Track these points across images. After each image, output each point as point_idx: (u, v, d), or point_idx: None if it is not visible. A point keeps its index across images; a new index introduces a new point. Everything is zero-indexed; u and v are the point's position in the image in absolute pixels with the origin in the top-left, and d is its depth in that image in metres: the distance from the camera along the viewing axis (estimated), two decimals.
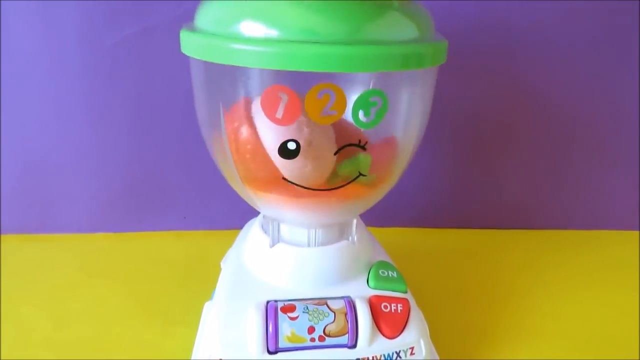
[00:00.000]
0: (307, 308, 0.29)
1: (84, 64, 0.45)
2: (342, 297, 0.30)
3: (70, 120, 0.48)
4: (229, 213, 0.48)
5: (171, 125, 0.48)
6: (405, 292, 0.31)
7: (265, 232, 0.33)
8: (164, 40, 0.45)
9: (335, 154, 0.27)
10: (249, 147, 0.27)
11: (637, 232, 0.55)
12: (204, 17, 0.27)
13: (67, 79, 0.46)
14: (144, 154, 0.50)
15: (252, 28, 0.24)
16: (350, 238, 0.33)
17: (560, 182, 0.54)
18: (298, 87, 0.24)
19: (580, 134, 0.52)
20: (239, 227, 0.38)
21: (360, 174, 0.28)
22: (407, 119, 0.29)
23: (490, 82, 0.49)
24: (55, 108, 0.47)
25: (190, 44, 0.26)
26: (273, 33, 0.23)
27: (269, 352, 0.28)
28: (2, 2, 0.43)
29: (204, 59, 0.25)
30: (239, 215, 0.38)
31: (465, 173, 0.54)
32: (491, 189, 0.54)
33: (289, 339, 0.28)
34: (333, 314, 0.29)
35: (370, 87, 0.25)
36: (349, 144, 0.27)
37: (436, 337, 0.33)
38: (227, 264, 0.35)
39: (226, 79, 0.26)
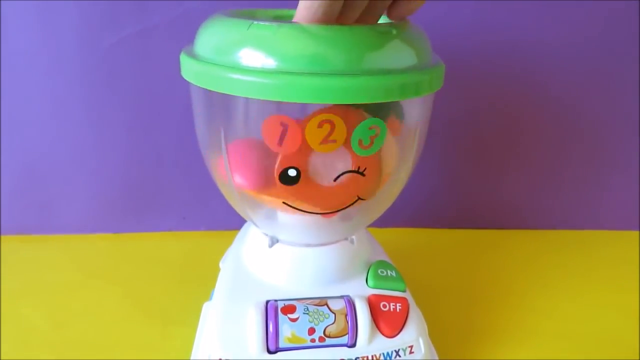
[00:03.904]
0: (308, 309, 0.29)
1: (83, 64, 0.45)
2: (341, 297, 0.30)
3: (70, 120, 0.48)
4: (228, 213, 0.48)
5: (170, 126, 0.48)
6: (404, 291, 0.31)
7: (264, 232, 0.33)
8: (163, 41, 0.45)
9: (334, 180, 0.27)
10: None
11: (637, 232, 0.55)
12: (204, 42, 0.26)
13: (66, 79, 0.46)
14: (143, 154, 0.50)
15: (251, 57, 0.23)
16: (349, 238, 0.33)
17: (560, 182, 0.54)
18: (298, 115, 0.24)
19: (580, 134, 0.52)
20: (238, 227, 0.38)
21: (359, 198, 0.28)
22: (405, 144, 0.29)
23: (491, 82, 0.49)
24: (55, 108, 0.47)
25: (190, 70, 0.26)
26: (272, 63, 0.23)
27: (269, 352, 0.28)
28: (1, 2, 0.43)
29: (203, 87, 0.25)
30: (237, 215, 0.38)
31: (465, 173, 0.54)
32: (491, 189, 0.54)
33: (289, 340, 0.28)
34: (333, 315, 0.29)
35: (369, 115, 0.25)
36: (348, 171, 0.27)
37: (435, 336, 0.33)
38: (226, 264, 0.35)
39: (226, 106, 0.26)
